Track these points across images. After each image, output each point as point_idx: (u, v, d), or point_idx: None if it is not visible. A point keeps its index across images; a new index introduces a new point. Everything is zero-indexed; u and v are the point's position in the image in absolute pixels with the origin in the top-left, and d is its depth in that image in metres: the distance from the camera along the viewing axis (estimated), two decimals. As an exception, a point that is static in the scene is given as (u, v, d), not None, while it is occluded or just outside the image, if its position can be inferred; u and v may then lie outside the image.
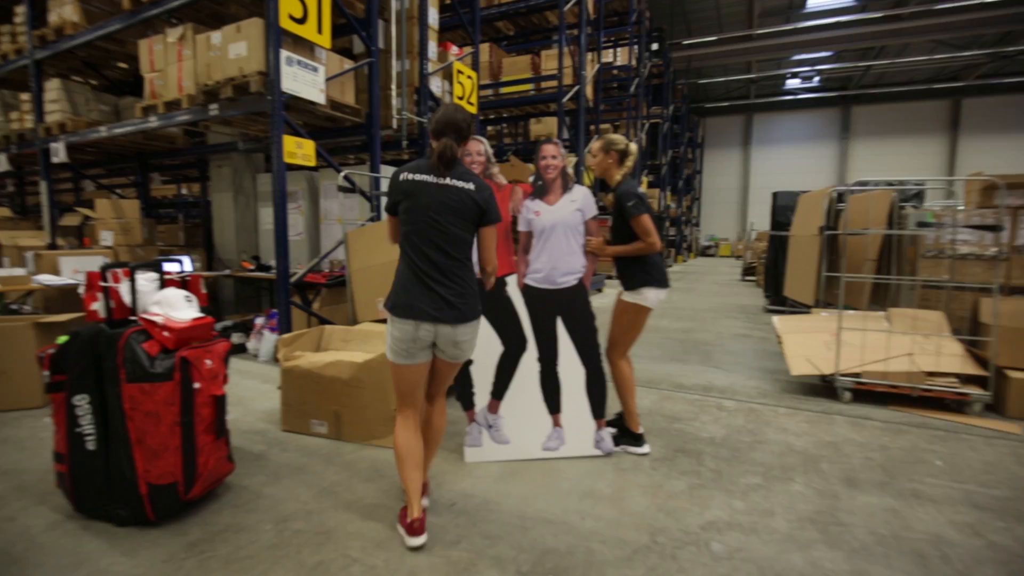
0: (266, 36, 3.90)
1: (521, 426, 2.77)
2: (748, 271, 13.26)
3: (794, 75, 21.92)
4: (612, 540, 2.07)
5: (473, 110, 6.00)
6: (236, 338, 4.89)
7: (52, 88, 5.58)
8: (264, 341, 4.54)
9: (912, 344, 3.74)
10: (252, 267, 5.39)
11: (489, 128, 13.24)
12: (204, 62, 4.24)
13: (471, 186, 2.01)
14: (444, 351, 2.06)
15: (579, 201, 2.79)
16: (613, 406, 2.99)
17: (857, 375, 3.74)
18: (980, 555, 2.03)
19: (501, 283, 2.80)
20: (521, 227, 2.82)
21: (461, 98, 5.78)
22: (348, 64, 4.64)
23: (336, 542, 2.01)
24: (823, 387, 4.02)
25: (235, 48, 4.02)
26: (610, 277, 10.82)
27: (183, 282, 2.50)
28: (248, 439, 2.97)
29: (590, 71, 9.82)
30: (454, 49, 5.96)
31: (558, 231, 2.75)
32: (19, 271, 4.45)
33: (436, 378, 2.18)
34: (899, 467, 2.78)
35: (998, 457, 2.92)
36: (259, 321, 4.76)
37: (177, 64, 4.45)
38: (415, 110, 5.19)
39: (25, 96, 6.07)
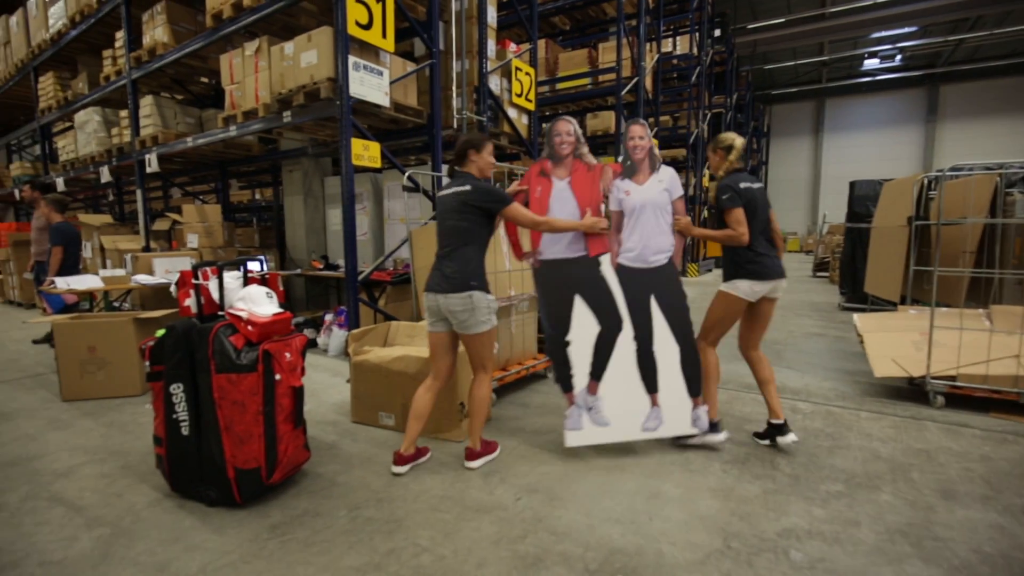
0: (335, 43, 4.07)
1: (620, 408, 2.75)
2: (820, 266, 12.47)
3: (872, 55, 20.31)
4: (682, 543, 2.00)
5: (531, 107, 6.00)
6: (307, 333, 5.15)
7: (146, 104, 6.10)
8: (333, 336, 4.75)
9: (1019, 345, 3.38)
10: (321, 266, 5.65)
11: (544, 125, 13.24)
12: (278, 72, 4.49)
13: (466, 187, 2.50)
14: (450, 320, 2.51)
15: (666, 181, 2.83)
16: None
17: (952, 378, 3.43)
18: (1110, 582, 1.81)
19: (595, 262, 2.80)
20: (612, 207, 2.83)
21: (520, 95, 5.79)
22: (410, 67, 4.76)
23: (406, 531, 2.07)
24: (911, 391, 3.71)
25: (306, 57, 4.23)
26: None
27: (263, 280, 2.66)
28: (321, 429, 3.12)
29: (649, 62, 9.56)
30: (512, 47, 5.97)
31: (648, 211, 2.80)
32: (120, 272, 4.90)
33: (446, 353, 2.61)
34: (1005, 480, 2.52)
35: None
36: (328, 317, 4.99)
37: (254, 75, 4.73)
38: (475, 109, 5.25)
39: (124, 113, 6.67)
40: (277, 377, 2.21)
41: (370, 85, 4.12)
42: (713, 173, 2.87)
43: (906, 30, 17.81)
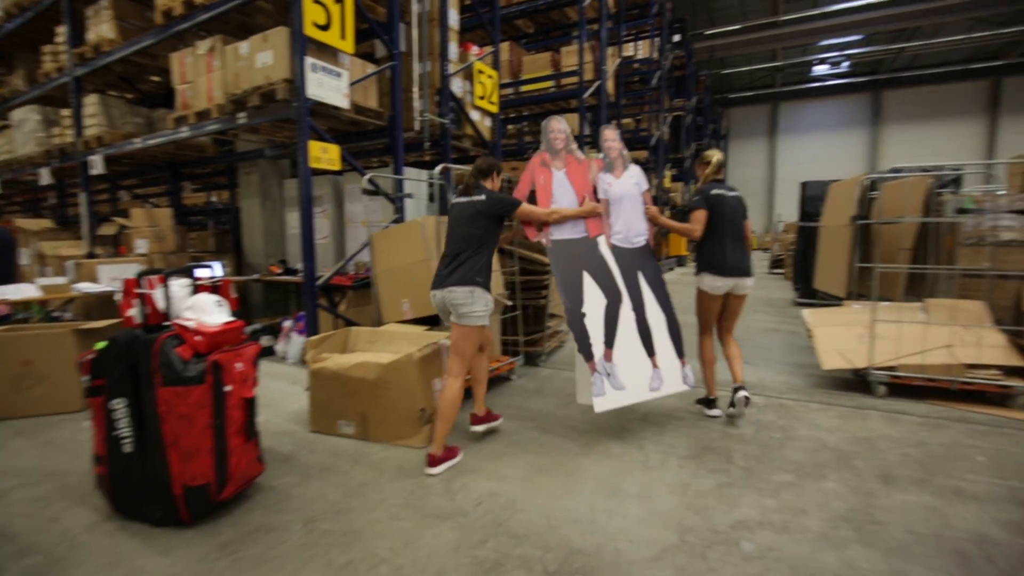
0: (291, 44, 3.98)
1: (630, 372, 3.08)
2: (776, 263, 12.95)
3: (822, 61, 21.24)
4: (640, 539, 2.05)
5: (494, 109, 6.01)
6: (264, 341, 5.01)
7: (90, 103, 5.81)
8: (292, 343, 4.64)
9: (951, 335, 3.60)
10: (280, 271, 5.51)
11: (510, 127, 13.25)
12: (232, 72, 4.35)
13: (481, 198, 2.79)
14: (452, 314, 2.74)
15: (636, 176, 3.37)
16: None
17: (892, 369, 3.62)
18: (1026, 555, 1.95)
19: (594, 242, 3.18)
20: (600, 196, 3.24)
21: (482, 98, 5.80)
22: (371, 68, 4.70)
23: (364, 542, 2.04)
24: (856, 381, 3.90)
25: (262, 57, 4.12)
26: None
27: (214, 287, 2.58)
28: (277, 440, 3.04)
29: (611, 66, 9.72)
30: (475, 49, 5.97)
31: (626, 200, 3.29)
32: (60, 280, 4.66)
33: (463, 342, 2.76)
34: (938, 463, 2.68)
35: (1047, 453, 2.79)
36: (287, 324, 4.88)
37: (207, 75, 4.58)
38: (437, 111, 5.23)
39: (66, 112, 6.34)
40: (227, 388, 2.15)
41: (328, 87, 4.05)
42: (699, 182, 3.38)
43: (852, 38, 18.73)
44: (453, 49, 5.29)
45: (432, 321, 3.50)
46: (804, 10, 16.43)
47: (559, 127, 3.18)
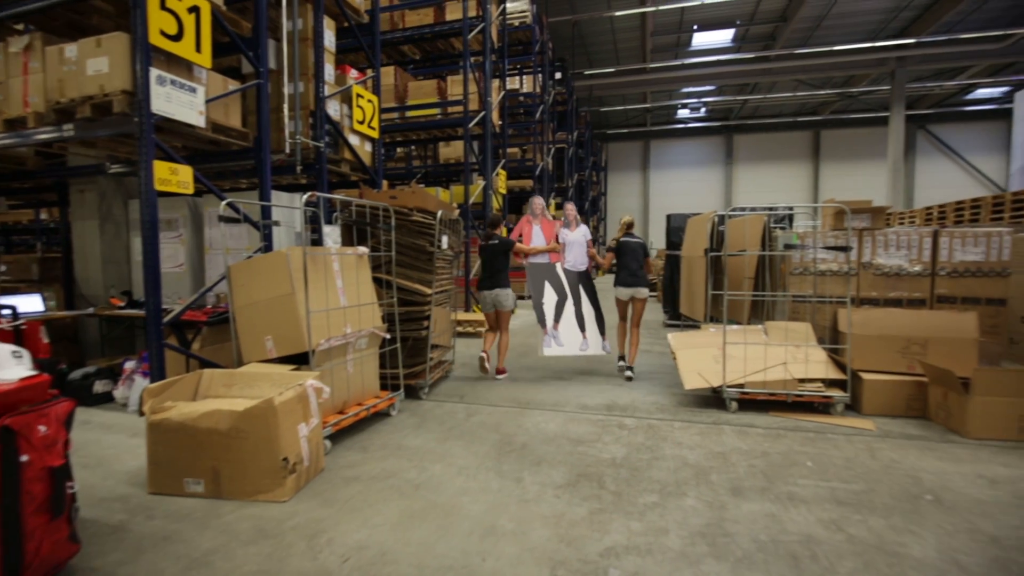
0: (132, 52, 3.55)
1: (567, 338, 5.32)
2: (650, 288, 14.07)
3: (684, 106, 23.97)
4: (512, 580, 2.02)
5: (374, 134, 5.87)
6: (101, 386, 4.31)
7: None
8: (135, 388, 4.04)
9: (786, 354, 4.12)
10: (122, 304, 4.81)
11: (399, 150, 13.07)
12: (56, 77, 3.77)
13: (496, 241, 5.06)
14: (495, 304, 4.99)
15: (581, 232, 5.47)
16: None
17: (741, 386, 4.05)
18: (841, 549, 2.23)
19: (554, 266, 5.43)
20: (560, 240, 5.45)
21: (362, 122, 5.64)
22: (233, 85, 4.35)
23: (203, 623, 1.78)
24: (714, 399, 4.30)
25: (94, 64, 3.62)
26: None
27: (16, 331, 2.15)
28: (105, 508, 2.58)
29: (495, 97, 10.04)
30: (353, 72, 5.81)
31: (575, 245, 5.41)
32: None
33: (499, 320, 5.09)
34: (777, 471, 3.01)
35: (856, 453, 3.26)
36: (129, 365, 4.24)
37: (22, 77, 3.92)
38: (311, 134, 4.97)
39: None
40: (24, 459, 1.77)
41: (180, 102, 3.66)
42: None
43: (707, 88, 21.45)
44: (329, 71, 5.10)
45: (299, 360, 3.24)
46: (667, 60, 18.49)
47: (540, 202, 5.70)
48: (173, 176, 3.59)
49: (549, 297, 5.32)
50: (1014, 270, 4.47)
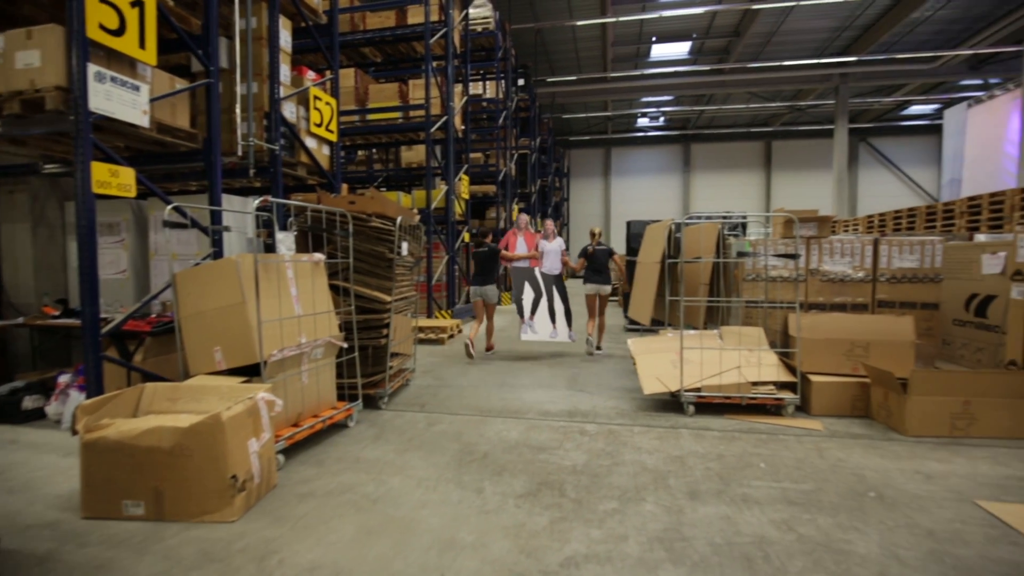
0: (68, 46, 3.34)
1: (540, 327, 6.42)
2: (612, 293, 14.30)
3: (643, 114, 24.57)
4: (471, 595, 1.98)
5: (332, 138, 5.74)
6: (31, 402, 4.02)
7: None
8: (69, 404, 3.78)
9: (740, 357, 4.24)
10: (57, 313, 4.50)
11: (360, 153, 12.83)
12: (-20, 70, 3.50)
13: (486, 248, 6.38)
14: (483, 297, 6.24)
15: (557, 243, 6.75)
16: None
17: (698, 389, 4.14)
18: (792, 549, 2.30)
19: (533, 270, 6.50)
20: (540, 249, 6.71)
21: (319, 125, 5.50)
22: (182, 83, 4.17)
23: (139, 658, 1.66)
24: (672, 403, 4.38)
25: (24, 57, 3.39)
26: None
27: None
28: (31, 537, 2.40)
29: (458, 102, 10.01)
30: (310, 74, 5.67)
31: (552, 253, 6.68)
32: None
33: (486, 310, 6.33)
34: (732, 473, 3.09)
35: (806, 453, 3.39)
36: (63, 379, 3.96)
37: (-59, 69, 3.62)
38: (265, 136, 4.81)
39: None
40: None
41: (121, 100, 3.47)
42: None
43: (665, 98, 22.06)
44: (285, 71, 4.96)
45: (250, 371, 3.11)
46: (627, 70, 18.92)
47: (525, 218, 7.39)
48: (113, 178, 3.40)
49: (527, 295, 6.46)
50: (945, 276, 4.77)
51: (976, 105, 15.97)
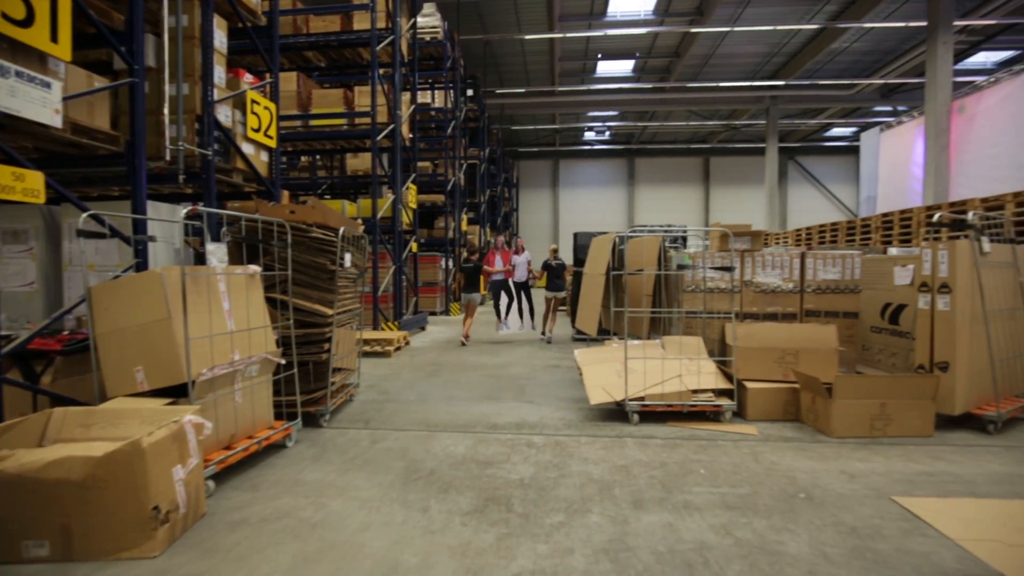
0: (-35, 37, 3.03)
1: (513, 324, 8.58)
2: (561, 302, 14.49)
3: (590, 128, 25.26)
4: (414, 622, 1.92)
5: (272, 144, 5.51)
6: (-84, 430, 3.56)
7: None
8: (-38, 432, 3.37)
9: (681, 366, 4.39)
10: (-50, 330, 4.03)
11: (303, 159, 12.40)
12: None
13: (471, 264, 8.84)
14: (470, 301, 8.68)
15: (525, 256, 8.91)
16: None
17: (642, 398, 4.24)
18: (730, 553, 2.38)
19: (507, 281, 8.60)
20: (512, 263, 8.71)
21: (257, 130, 5.26)
22: (102, 82, 3.87)
23: None
24: (618, 412, 4.46)
25: (-88, 46, 3.04)
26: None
27: None
28: (-92, 587, 2.11)
29: (405, 111, 9.90)
30: (248, 77, 5.43)
31: (521, 265, 8.77)
32: None
33: (470, 310, 8.70)
34: (674, 481, 3.17)
35: (742, 458, 3.53)
36: (-44, 404, 3.54)
37: None
38: (196, 141, 4.55)
39: None
40: None
41: (28, 97, 3.18)
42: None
43: (611, 113, 22.79)
44: (219, 73, 4.72)
45: (177, 392, 2.90)
46: (574, 85, 19.42)
47: (501, 239, 9.91)
48: (17, 182, 3.09)
49: (503, 300, 8.58)
50: (864, 287, 5.15)
51: (887, 130, 17.48)
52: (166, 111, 4.29)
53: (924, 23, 12.04)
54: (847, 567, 2.26)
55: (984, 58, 17.34)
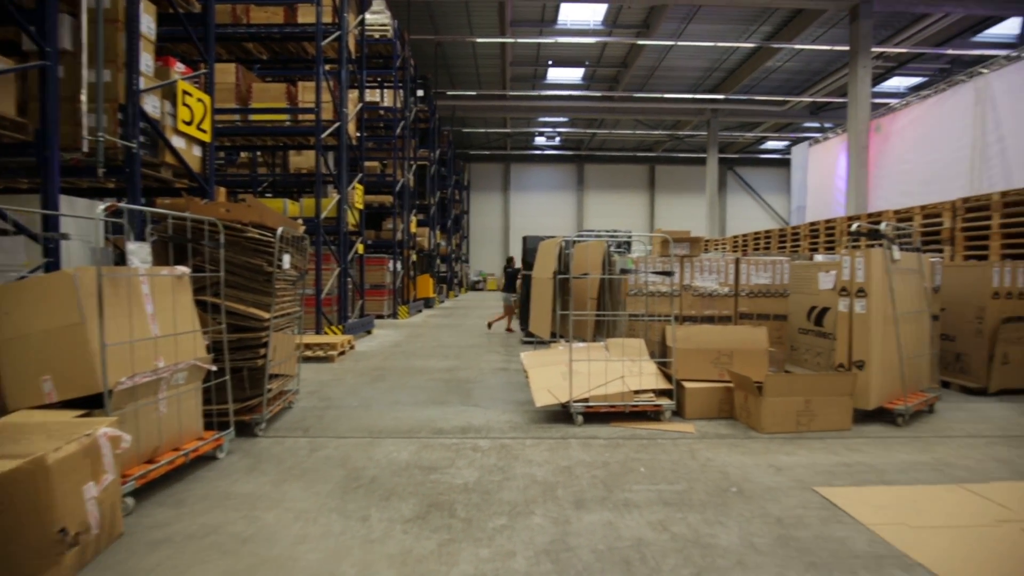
0: None
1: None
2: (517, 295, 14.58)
3: (540, 133, 25.60)
4: (349, 636, 1.85)
5: (205, 138, 5.23)
6: None
7: None
8: None
9: (623, 368, 4.50)
10: None
11: (243, 155, 11.83)
12: None
13: (511, 268, 11.03)
14: (507, 300, 10.75)
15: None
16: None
17: (586, 400, 4.32)
18: (666, 548, 2.45)
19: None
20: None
21: (189, 123, 4.98)
22: (6, 64, 3.55)
23: None
24: (563, 413, 4.52)
25: None
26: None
27: None
28: None
29: (352, 108, 9.66)
30: (180, 66, 5.13)
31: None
32: None
33: (509, 308, 10.72)
34: (616, 480, 3.24)
35: (680, 455, 3.66)
36: None
37: None
38: (119, 132, 4.25)
39: None
40: None
41: (-83, 78, 2.86)
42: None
43: (560, 119, 23.18)
44: (147, 60, 4.44)
45: (91, 403, 2.68)
46: (525, 90, 19.61)
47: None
48: (-97, 172, 2.78)
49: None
50: (792, 291, 5.47)
51: (815, 144, 18.75)
52: (83, 98, 3.99)
53: (847, 47, 13.01)
54: (772, 555, 2.39)
55: (898, 83, 18.97)
